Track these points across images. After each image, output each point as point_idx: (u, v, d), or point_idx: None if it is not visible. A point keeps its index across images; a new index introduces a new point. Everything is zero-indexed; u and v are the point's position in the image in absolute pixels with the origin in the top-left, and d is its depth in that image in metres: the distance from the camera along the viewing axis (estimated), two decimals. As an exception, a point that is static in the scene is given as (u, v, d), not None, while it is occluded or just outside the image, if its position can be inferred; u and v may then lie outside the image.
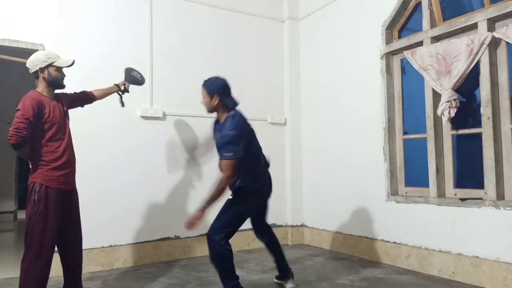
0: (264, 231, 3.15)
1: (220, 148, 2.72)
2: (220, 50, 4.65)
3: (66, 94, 2.83)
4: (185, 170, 4.31)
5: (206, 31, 4.58)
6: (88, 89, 3.04)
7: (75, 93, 2.92)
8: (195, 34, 4.50)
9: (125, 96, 3.31)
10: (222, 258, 2.74)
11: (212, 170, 4.48)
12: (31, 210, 2.46)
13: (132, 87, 3.40)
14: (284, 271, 3.17)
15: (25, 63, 2.68)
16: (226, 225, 2.76)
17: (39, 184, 2.48)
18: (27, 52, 3.41)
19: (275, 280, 3.30)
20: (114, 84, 3.22)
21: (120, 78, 3.33)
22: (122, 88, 3.26)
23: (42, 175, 2.50)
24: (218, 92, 2.79)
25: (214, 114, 2.94)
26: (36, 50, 2.81)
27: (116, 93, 3.24)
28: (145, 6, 4.20)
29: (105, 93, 3.15)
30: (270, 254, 3.19)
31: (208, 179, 4.44)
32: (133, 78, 3.45)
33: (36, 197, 2.46)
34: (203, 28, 4.56)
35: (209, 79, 2.88)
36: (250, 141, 2.81)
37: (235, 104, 2.86)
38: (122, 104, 3.28)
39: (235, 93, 4.68)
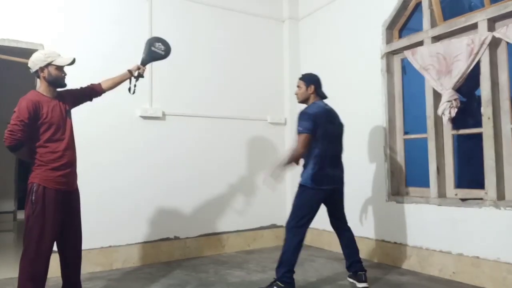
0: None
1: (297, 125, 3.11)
2: (220, 50, 4.64)
3: (70, 91, 2.80)
4: (184, 170, 4.30)
5: (206, 31, 4.57)
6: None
7: (81, 88, 2.88)
8: (195, 34, 4.49)
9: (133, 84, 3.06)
10: None
11: (212, 170, 4.48)
12: (29, 210, 2.46)
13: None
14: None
15: (25, 63, 2.67)
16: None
17: (37, 184, 2.47)
18: (27, 52, 3.40)
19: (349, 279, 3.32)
20: (127, 70, 3.01)
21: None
22: (136, 73, 3.03)
23: (40, 176, 2.49)
24: (314, 83, 3.22)
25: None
26: (36, 50, 2.80)
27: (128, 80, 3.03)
28: (145, 6, 4.19)
29: (116, 82, 2.97)
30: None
31: (208, 179, 4.45)
32: (154, 54, 3.14)
33: (33, 198, 2.45)
34: (203, 28, 4.55)
35: (306, 73, 3.34)
36: (322, 131, 3.05)
37: (325, 96, 3.30)
38: (133, 91, 3.03)
39: (234, 92, 4.72)
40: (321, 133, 3.04)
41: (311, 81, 3.22)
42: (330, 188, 3.11)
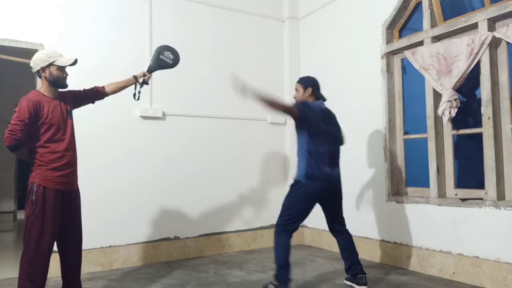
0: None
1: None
2: (220, 50, 4.64)
3: (72, 92, 2.79)
4: (184, 170, 4.30)
5: (206, 31, 4.57)
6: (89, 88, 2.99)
7: (83, 90, 2.87)
8: (194, 33, 4.49)
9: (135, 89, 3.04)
10: None
11: (212, 170, 4.48)
12: (29, 210, 2.45)
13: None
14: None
15: (25, 63, 2.67)
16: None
17: (37, 184, 2.47)
18: (27, 52, 3.41)
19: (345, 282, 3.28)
20: (133, 76, 3.00)
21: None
22: (141, 80, 3.01)
23: (40, 176, 2.49)
24: (312, 85, 3.23)
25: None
26: (36, 50, 2.79)
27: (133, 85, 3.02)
28: (145, 6, 4.19)
29: (120, 87, 2.97)
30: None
31: (208, 179, 4.45)
32: (162, 62, 3.12)
33: (33, 198, 2.45)
34: (203, 28, 4.55)
35: (303, 76, 3.36)
36: (316, 129, 3.03)
37: (324, 98, 3.26)
38: (138, 98, 3.02)
39: (234, 92, 4.70)
40: (316, 131, 3.01)
41: (308, 83, 3.23)
42: (324, 186, 3.02)
